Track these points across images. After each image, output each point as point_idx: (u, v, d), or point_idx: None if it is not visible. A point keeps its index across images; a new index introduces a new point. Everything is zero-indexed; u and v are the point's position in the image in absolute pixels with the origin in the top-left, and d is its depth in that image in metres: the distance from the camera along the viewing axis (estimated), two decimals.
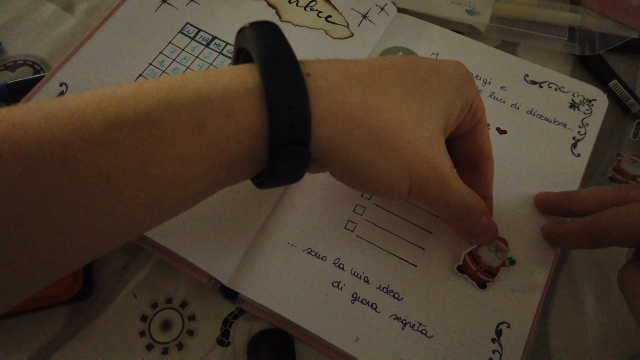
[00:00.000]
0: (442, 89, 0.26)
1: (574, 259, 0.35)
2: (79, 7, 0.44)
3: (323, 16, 0.41)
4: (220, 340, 0.32)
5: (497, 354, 0.30)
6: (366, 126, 0.23)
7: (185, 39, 0.39)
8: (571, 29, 0.43)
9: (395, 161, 0.24)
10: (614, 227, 0.27)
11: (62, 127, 0.19)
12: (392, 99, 0.24)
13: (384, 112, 0.23)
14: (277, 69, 0.21)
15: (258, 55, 0.21)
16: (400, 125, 0.24)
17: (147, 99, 0.20)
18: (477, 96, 0.28)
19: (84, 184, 0.19)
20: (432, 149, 0.25)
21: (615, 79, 0.41)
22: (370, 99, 0.23)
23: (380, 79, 0.24)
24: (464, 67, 0.28)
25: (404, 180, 0.25)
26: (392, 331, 0.31)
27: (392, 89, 0.24)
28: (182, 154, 0.20)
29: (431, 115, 0.25)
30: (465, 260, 0.32)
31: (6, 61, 0.41)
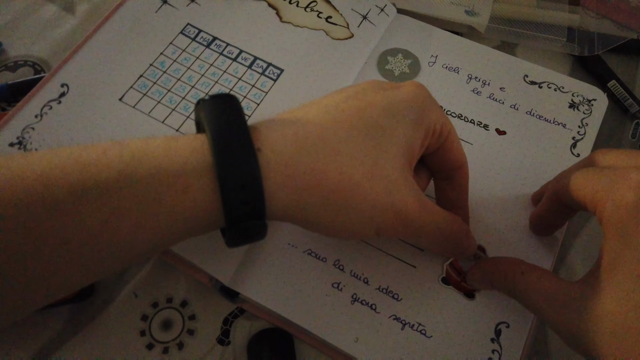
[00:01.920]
0: (399, 129, 0.25)
1: (573, 258, 0.35)
2: (80, 7, 0.44)
3: (323, 17, 0.41)
4: (221, 339, 0.32)
5: (496, 354, 0.30)
6: (320, 193, 0.24)
7: (186, 39, 0.39)
8: (570, 29, 0.43)
9: (355, 217, 0.25)
10: (567, 189, 0.27)
11: (26, 190, 0.20)
12: (344, 160, 0.24)
13: (336, 175, 0.24)
14: (229, 148, 0.22)
15: (211, 135, 0.22)
16: (354, 184, 0.24)
17: (108, 169, 0.21)
18: (440, 117, 0.27)
19: (42, 245, 0.20)
20: (393, 195, 0.25)
21: (614, 79, 0.41)
22: (321, 165, 0.24)
23: (331, 140, 0.24)
24: (422, 90, 0.27)
25: (369, 229, 0.25)
26: (391, 331, 0.31)
27: (344, 147, 0.24)
28: (138, 224, 0.22)
29: (387, 160, 0.25)
30: (448, 271, 0.32)
31: (7, 62, 0.41)
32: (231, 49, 0.39)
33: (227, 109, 0.23)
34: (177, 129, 0.35)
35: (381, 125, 0.25)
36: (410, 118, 0.26)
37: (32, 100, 0.35)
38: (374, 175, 0.24)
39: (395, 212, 0.25)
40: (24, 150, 0.33)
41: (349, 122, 0.25)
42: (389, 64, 0.40)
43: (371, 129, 0.25)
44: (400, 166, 0.25)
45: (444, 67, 0.40)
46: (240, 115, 0.23)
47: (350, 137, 0.24)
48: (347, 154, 0.24)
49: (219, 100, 0.24)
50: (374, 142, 0.25)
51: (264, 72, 0.38)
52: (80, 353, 0.32)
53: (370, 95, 0.26)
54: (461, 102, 0.39)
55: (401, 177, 0.25)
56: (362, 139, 0.25)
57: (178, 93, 0.37)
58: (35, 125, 0.34)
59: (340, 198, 0.24)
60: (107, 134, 0.34)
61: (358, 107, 0.25)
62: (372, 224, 0.25)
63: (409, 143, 0.26)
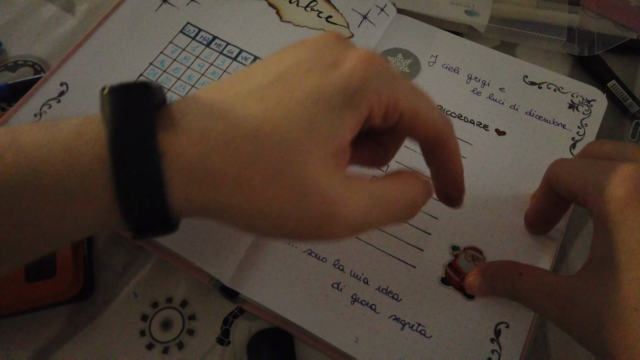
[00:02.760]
0: (316, 121, 0.22)
1: (573, 258, 0.35)
2: (79, 7, 0.44)
3: (323, 16, 0.41)
4: (221, 339, 0.32)
5: (496, 354, 0.30)
6: (218, 216, 0.22)
7: (186, 38, 0.39)
8: (570, 29, 0.43)
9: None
10: (558, 178, 0.27)
11: None
12: (250, 191, 0.21)
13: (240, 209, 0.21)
14: (129, 160, 0.20)
15: (109, 145, 0.20)
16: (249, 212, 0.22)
17: (3, 180, 0.20)
18: (388, 91, 0.23)
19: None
20: (302, 202, 0.21)
21: (614, 79, 0.41)
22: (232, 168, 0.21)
23: (234, 171, 0.21)
24: (365, 65, 0.22)
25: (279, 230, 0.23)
26: (391, 332, 0.31)
27: (247, 172, 0.21)
28: (37, 234, 0.21)
29: (297, 164, 0.21)
30: (447, 272, 0.32)
31: (7, 61, 0.41)
32: (231, 48, 0.39)
33: (129, 106, 0.20)
34: None
35: (298, 118, 0.22)
36: (334, 103, 0.22)
37: (31, 99, 0.35)
38: (281, 182, 0.21)
39: (310, 219, 0.22)
40: None
41: (268, 117, 0.21)
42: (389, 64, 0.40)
43: (286, 124, 0.21)
44: (313, 166, 0.22)
45: (444, 67, 0.40)
46: (147, 116, 0.20)
47: (256, 164, 0.21)
48: (253, 184, 0.21)
49: (124, 93, 0.21)
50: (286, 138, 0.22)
51: None
52: (80, 353, 0.32)
53: (298, 79, 0.22)
54: (461, 102, 0.39)
55: (313, 181, 0.22)
56: (269, 172, 0.21)
57: (178, 92, 0.37)
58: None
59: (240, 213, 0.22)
60: None
61: (278, 98, 0.22)
62: (293, 233, 0.22)
63: (331, 133, 0.22)
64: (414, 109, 0.24)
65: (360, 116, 0.23)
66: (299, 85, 0.22)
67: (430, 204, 0.34)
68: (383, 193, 0.23)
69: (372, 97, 0.23)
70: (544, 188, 0.30)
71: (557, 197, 0.29)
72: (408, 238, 0.33)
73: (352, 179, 0.23)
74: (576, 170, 0.26)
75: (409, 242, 0.33)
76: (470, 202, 0.35)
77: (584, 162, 0.27)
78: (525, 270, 0.28)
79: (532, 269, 0.27)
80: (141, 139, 0.20)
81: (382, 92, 0.23)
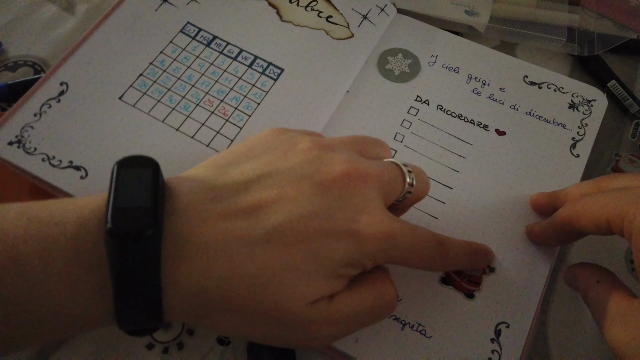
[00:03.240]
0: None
1: (573, 258, 0.35)
2: (79, 7, 0.44)
3: (324, 16, 0.41)
4: (221, 339, 0.32)
5: (496, 354, 0.30)
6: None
7: (186, 38, 0.39)
8: (570, 29, 0.43)
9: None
10: (583, 215, 0.27)
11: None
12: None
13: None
14: (131, 296, 0.21)
15: (113, 285, 0.21)
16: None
17: (8, 296, 0.20)
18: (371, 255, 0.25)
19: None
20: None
21: (614, 79, 0.41)
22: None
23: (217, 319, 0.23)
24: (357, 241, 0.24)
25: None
26: (391, 332, 0.31)
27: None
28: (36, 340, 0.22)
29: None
30: (447, 271, 0.32)
31: (7, 61, 0.41)
32: (231, 48, 0.39)
33: (136, 243, 0.20)
34: (177, 129, 0.35)
35: (298, 275, 0.23)
36: (335, 271, 0.24)
37: (31, 99, 0.35)
38: (271, 319, 0.24)
39: (295, 342, 0.25)
40: (23, 148, 0.33)
41: (268, 266, 0.23)
42: (389, 64, 0.40)
43: (286, 276, 0.23)
44: (305, 308, 0.24)
45: (444, 67, 0.40)
46: (152, 254, 0.21)
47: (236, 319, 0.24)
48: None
49: (128, 242, 0.20)
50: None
51: (264, 71, 0.38)
52: (80, 353, 0.32)
53: (304, 235, 0.23)
54: (461, 102, 0.39)
55: (301, 318, 0.24)
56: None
57: (178, 92, 0.37)
58: (34, 124, 0.34)
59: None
60: (107, 133, 0.34)
61: (281, 252, 0.23)
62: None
63: (327, 288, 0.24)
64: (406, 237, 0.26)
65: (357, 272, 0.25)
66: (304, 242, 0.23)
67: (431, 203, 0.34)
68: (361, 306, 0.25)
69: (368, 264, 0.25)
70: (561, 225, 0.30)
71: (576, 232, 0.29)
72: None
73: (336, 302, 0.24)
74: (603, 200, 0.27)
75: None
76: (470, 202, 0.35)
77: (607, 193, 0.27)
78: (602, 278, 0.27)
79: (608, 277, 0.27)
80: (145, 278, 0.21)
81: (377, 260, 0.25)
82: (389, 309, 0.26)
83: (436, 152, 0.37)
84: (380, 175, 0.26)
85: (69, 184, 0.32)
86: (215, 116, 0.36)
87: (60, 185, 0.32)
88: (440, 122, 0.38)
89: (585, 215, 0.27)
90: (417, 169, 0.29)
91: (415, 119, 0.38)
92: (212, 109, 0.36)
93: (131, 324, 0.22)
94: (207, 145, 0.35)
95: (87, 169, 0.33)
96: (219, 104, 0.37)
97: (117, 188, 0.22)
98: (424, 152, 0.37)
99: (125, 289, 0.21)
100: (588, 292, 0.28)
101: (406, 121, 0.38)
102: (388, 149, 0.31)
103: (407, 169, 0.28)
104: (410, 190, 0.28)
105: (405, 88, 0.39)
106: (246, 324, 0.23)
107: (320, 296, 0.23)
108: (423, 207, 0.34)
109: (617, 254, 0.35)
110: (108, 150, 0.34)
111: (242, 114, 0.36)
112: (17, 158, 0.33)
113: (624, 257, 0.35)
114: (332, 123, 0.37)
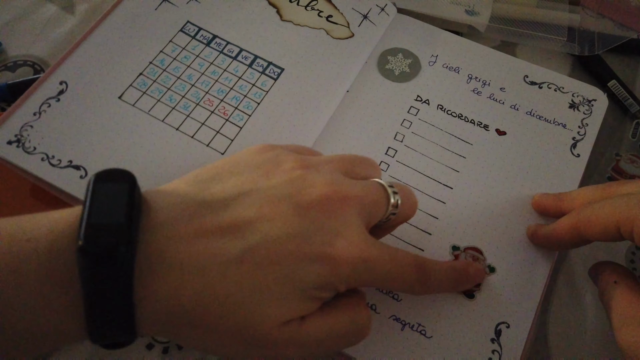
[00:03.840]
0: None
1: (573, 258, 0.35)
2: (79, 7, 0.44)
3: (324, 16, 0.41)
4: None
5: (496, 354, 0.30)
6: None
7: (185, 37, 0.39)
8: (570, 29, 0.43)
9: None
10: (591, 222, 0.28)
11: None
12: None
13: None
14: (104, 313, 0.21)
15: (85, 305, 0.21)
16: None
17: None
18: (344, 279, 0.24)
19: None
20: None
21: (614, 79, 0.41)
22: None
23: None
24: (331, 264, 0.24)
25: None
26: (391, 332, 0.31)
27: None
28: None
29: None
30: None
31: (6, 61, 0.41)
32: (231, 47, 0.39)
33: (109, 263, 0.20)
34: (177, 128, 0.35)
35: (269, 296, 0.23)
36: (307, 294, 0.24)
37: (30, 98, 0.35)
38: (240, 339, 0.24)
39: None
40: (22, 148, 0.33)
41: (240, 285, 0.23)
42: (389, 64, 0.40)
43: (258, 296, 0.23)
44: (275, 330, 0.24)
45: (444, 67, 0.40)
46: (124, 271, 0.21)
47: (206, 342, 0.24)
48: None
49: (100, 259, 0.20)
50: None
51: (265, 71, 0.38)
52: (80, 353, 0.31)
53: (279, 257, 0.23)
54: (461, 102, 0.39)
55: (272, 338, 0.24)
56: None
57: (178, 91, 0.37)
58: (34, 123, 0.34)
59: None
60: (106, 133, 0.34)
61: (254, 273, 0.23)
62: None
63: (299, 310, 0.24)
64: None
65: (330, 295, 0.25)
66: (277, 264, 0.23)
67: (431, 203, 0.34)
68: (332, 330, 0.25)
69: (341, 287, 0.25)
70: (568, 232, 0.29)
71: (582, 239, 0.29)
72: (409, 238, 0.33)
73: (307, 324, 0.24)
74: (611, 206, 0.27)
75: (410, 242, 0.33)
76: (470, 202, 0.35)
77: (616, 198, 0.27)
78: (620, 279, 0.27)
79: (627, 277, 0.27)
80: (117, 295, 0.21)
81: (350, 283, 0.25)
82: (362, 334, 0.26)
83: (436, 152, 0.36)
84: (363, 197, 0.26)
85: (69, 184, 0.32)
86: (215, 116, 0.36)
87: (59, 184, 0.32)
88: (441, 122, 0.38)
89: (593, 221, 0.27)
90: (405, 189, 0.29)
91: (416, 118, 0.38)
92: (212, 109, 0.36)
93: (104, 339, 0.22)
94: (207, 145, 0.35)
95: (86, 169, 0.33)
96: (219, 103, 0.37)
97: (92, 203, 0.21)
98: (424, 152, 0.36)
99: (97, 306, 0.21)
100: (605, 291, 0.27)
101: (406, 121, 0.38)
102: (377, 168, 0.30)
103: (393, 189, 0.27)
104: (394, 212, 0.27)
105: (406, 88, 0.39)
106: (217, 342, 0.23)
107: (291, 317, 0.23)
108: (424, 207, 0.34)
109: (618, 254, 0.35)
110: (108, 150, 0.34)
111: (242, 113, 0.36)
112: (16, 157, 0.33)
113: (624, 257, 0.35)
114: (332, 123, 0.37)
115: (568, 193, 0.33)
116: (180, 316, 0.22)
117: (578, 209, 0.29)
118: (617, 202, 0.27)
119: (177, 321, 0.22)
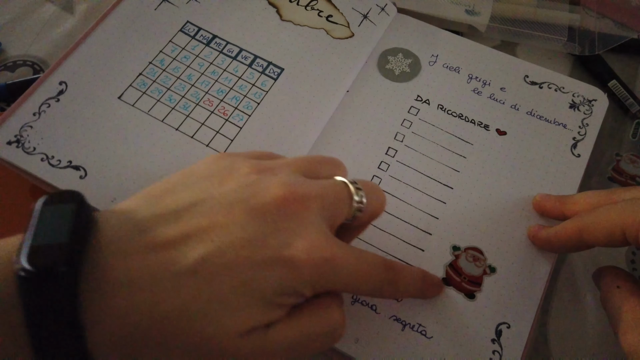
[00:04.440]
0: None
1: (573, 258, 0.35)
2: (79, 7, 0.44)
3: (324, 16, 0.41)
4: None
5: (497, 355, 0.30)
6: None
7: (185, 37, 0.39)
8: (571, 29, 0.43)
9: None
10: (596, 227, 0.27)
11: None
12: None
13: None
14: (50, 342, 0.19)
15: (29, 330, 0.19)
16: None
17: None
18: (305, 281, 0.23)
19: None
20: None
21: (615, 79, 0.41)
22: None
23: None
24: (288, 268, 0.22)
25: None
26: (391, 332, 0.30)
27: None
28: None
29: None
30: (448, 272, 0.32)
31: (6, 61, 0.41)
32: (231, 47, 0.39)
33: (51, 293, 0.19)
34: (177, 128, 0.35)
35: (224, 307, 0.22)
36: (266, 301, 0.22)
37: (30, 98, 0.35)
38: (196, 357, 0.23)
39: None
40: (22, 148, 0.33)
41: (194, 300, 0.22)
42: (390, 64, 0.40)
43: (212, 311, 0.22)
44: (231, 344, 0.23)
45: (444, 67, 0.40)
46: (69, 296, 0.19)
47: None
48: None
49: (40, 281, 0.19)
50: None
51: (264, 70, 0.38)
52: None
53: (235, 270, 0.22)
54: (461, 102, 0.39)
55: (231, 353, 0.23)
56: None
57: (177, 91, 0.37)
58: (34, 123, 0.34)
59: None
60: (106, 133, 0.34)
61: (208, 286, 0.22)
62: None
63: (258, 320, 0.23)
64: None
65: (296, 301, 0.24)
66: (233, 271, 0.22)
67: (431, 204, 0.34)
68: (302, 335, 0.24)
69: (306, 292, 0.23)
70: (571, 237, 0.29)
71: (584, 244, 0.29)
72: (409, 238, 0.33)
73: (273, 331, 0.23)
74: (615, 211, 0.27)
75: (410, 242, 0.33)
76: (471, 202, 0.35)
77: (619, 204, 0.27)
78: (623, 284, 0.27)
79: (628, 281, 0.27)
80: (61, 317, 0.19)
81: (316, 287, 0.24)
82: (335, 336, 0.25)
83: (437, 152, 0.36)
84: (323, 196, 0.25)
85: (68, 184, 0.32)
86: (215, 116, 0.36)
87: (59, 185, 0.32)
88: (441, 121, 0.38)
89: (598, 226, 0.27)
90: (370, 185, 0.28)
91: (416, 118, 0.38)
92: (212, 109, 0.36)
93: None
94: (207, 145, 0.35)
95: (86, 169, 0.33)
96: (218, 103, 0.37)
97: (37, 226, 0.20)
98: (424, 152, 0.36)
99: (41, 330, 0.19)
100: (607, 296, 0.27)
101: (407, 121, 0.38)
102: (342, 167, 0.29)
103: (356, 186, 0.26)
104: (360, 209, 0.26)
105: (406, 88, 0.39)
106: (179, 359, 0.22)
107: (252, 327, 0.22)
108: (424, 207, 0.34)
109: (618, 254, 0.35)
110: (107, 150, 0.34)
111: (242, 113, 0.36)
112: (16, 158, 0.33)
113: (624, 257, 0.35)
114: (332, 123, 0.37)
115: (571, 196, 0.33)
116: (136, 336, 0.21)
117: (582, 214, 0.29)
118: (622, 207, 0.27)
119: (135, 342, 0.21)
